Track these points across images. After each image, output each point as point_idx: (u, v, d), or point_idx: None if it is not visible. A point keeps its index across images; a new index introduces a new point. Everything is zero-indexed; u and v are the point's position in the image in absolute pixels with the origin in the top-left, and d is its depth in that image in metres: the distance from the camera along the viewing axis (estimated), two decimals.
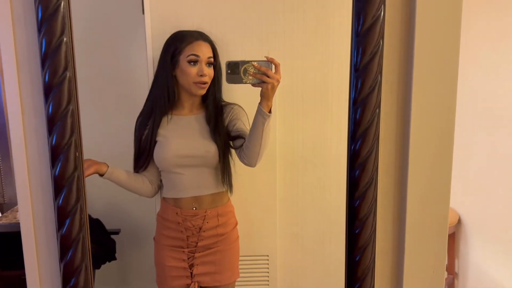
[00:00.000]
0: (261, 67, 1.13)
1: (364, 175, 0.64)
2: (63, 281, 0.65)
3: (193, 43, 1.29)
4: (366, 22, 0.61)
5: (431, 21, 0.62)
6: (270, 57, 1.14)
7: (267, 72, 1.13)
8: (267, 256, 1.61)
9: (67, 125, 0.61)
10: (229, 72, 1.12)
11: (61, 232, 0.64)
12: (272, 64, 1.14)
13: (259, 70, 1.13)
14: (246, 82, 1.14)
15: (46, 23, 0.58)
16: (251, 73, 1.13)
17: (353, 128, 0.64)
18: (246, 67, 1.13)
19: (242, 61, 1.12)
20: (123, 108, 1.62)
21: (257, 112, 1.21)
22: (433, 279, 0.68)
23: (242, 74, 1.13)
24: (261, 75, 1.14)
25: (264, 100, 1.19)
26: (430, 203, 0.66)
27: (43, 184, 0.66)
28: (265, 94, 1.18)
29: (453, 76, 0.63)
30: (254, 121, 1.24)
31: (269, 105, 1.20)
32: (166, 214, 1.38)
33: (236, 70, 1.12)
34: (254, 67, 1.13)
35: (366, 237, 0.65)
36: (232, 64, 1.12)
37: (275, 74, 1.14)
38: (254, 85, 1.16)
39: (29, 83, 0.63)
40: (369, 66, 0.62)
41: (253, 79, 1.14)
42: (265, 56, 1.15)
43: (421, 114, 0.65)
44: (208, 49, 1.31)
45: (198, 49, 1.28)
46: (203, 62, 1.29)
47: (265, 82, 1.14)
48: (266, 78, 1.14)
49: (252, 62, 1.12)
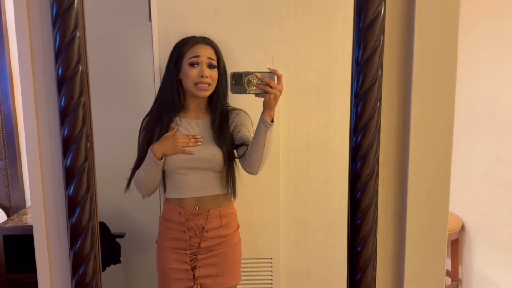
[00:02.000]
0: (264, 78, 1.17)
1: (365, 167, 0.66)
2: (73, 269, 0.67)
3: (194, 46, 1.32)
4: (367, 18, 0.63)
5: (430, 17, 0.65)
6: (273, 69, 1.19)
7: (270, 82, 1.18)
8: (271, 259, 1.61)
9: (79, 116, 0.64)
10: (234, 82, 1.17)
11: (71, 221, 0.66)
12: (274, 75, 1.18)
13: (262, 81, 1.17)
14: (250, 92, 1.18)
15: (61, 18, 0.61)
16: (254, 83, 1.18)
17: (354, 121, 0.66)
18: (249, 78, 1.17)
19: (246, 72, 1.17)
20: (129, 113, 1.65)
21: (260, 121, 1.25)
22: (434, 270, 0.69)
23: (245, 84, 1.17)
24: (264, 86, 1.18)
25: (266, 109, 1.23)
26: (430, 194, 0.68)
27: (54, 174, 0.68)
28: (267, 104, 1.22)
29: (452, 70, 0.65)
30: (256, 130, 1.28)
31: (271, 115, 1.24)
32: (168, 215, 1.40)
33: (240, 81, 1.17)
34: (257, 78, 1.17)
35: (368, 228, 0.67)
36: (236, 75, 1.16)
37: (277, 84, 1.19)
38: (257, 95, 1.20)
39: (43, 76, 0.66)
40: (370, 61, 0.64)
41: (256, 89, 1.18)
42: (268, 67, 1.20)
43: (421, 107, 0.67)
44: (210, 51, 1.34)
45: (198, 51, 1.32)
46: (204, 64, 1.32)
47: (268, 93, 1.18)
48: (268, 89, 1.18)
49: (256, 73, 1.17)
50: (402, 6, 0.65)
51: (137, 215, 1.79)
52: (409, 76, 0.66)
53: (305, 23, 1.51)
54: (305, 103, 1.55)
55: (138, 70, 1.67)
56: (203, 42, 1.34)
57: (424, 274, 0.70)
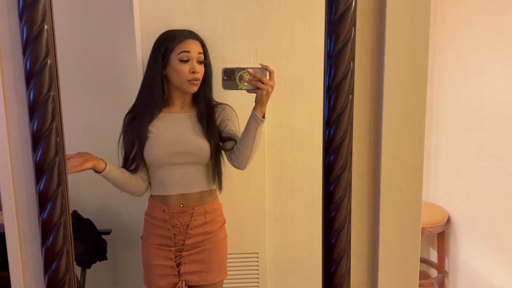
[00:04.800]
0: (256, 73, 1.17)
1: (338, 160, 0.66)
2: (45, 265, 0.67)
3: (184, 41, 1.31)
4: (338, 10, 0.63)
5: (401, 9, 0.65)
6: (265, 65, 1.19)
7: (262, 78, 1.17)
8: (257, 254, 1.62)
9: (48, 111, 0.63)
10: (225, 78, 1.16)
11: (42, 217, 0.65)
12: (266, 71, 1.18)
13: (254, 76, 1.17)
14: (242, 88, 1.18)
15: (27, 10, 0.60)
16: (246, 79, 1.17)
17: (327, 114, 0.66)
18: (241, 74, 1.16)
19: (238, 68, 1.16)
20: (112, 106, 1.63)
21: (251, 116, 1.25)
22: (408, 261, 0.70)
23: (237, 80, 1.17)
24: (256, 82, 1.18)
25: (258, 105, 1.23)
26: (404, 185, 0.68)
27: (25, 170, 0.67)
28: (259, 100, 1.22)
29: (423, 61, 0.66)
30: (247, 125, 1.27)
31: (263, 111, 1.24)
32: (153, 212, 1.39)
33: (232, 77, 1.16)
34: (249, 74, 1.17)
35: (341, 220, 0.67)
36: (228, 70, 1.16)
37: (269, 80, 1.18)
38: (249, 91, 1.20)
39: (11, 70, 0.65)
40: (341, 53, 0.64)
41: (248, 85, 1.18)
42: (260, 63, 1.20)
43: (393, 99, 0.67)
44: (198, 46, 1.33)
45: (188, 47, 1.31)
46: (194, 60, 1.31)
47: (260, 88, 1.18)
48: (260, 85, 1.18)
49: (248, 69, 1.17)
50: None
51: (123, 211, 1.78)
52: (381, 68, 0.66)
53: (288, 17, 1.51)
54: (289, 97, 1.55)
55: (121, 64, 1.66)
56: (192, 36, 1.33)
57: (398, 265, 0.70)
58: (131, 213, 1.76)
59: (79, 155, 1.23)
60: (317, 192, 1.58)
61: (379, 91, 0.67)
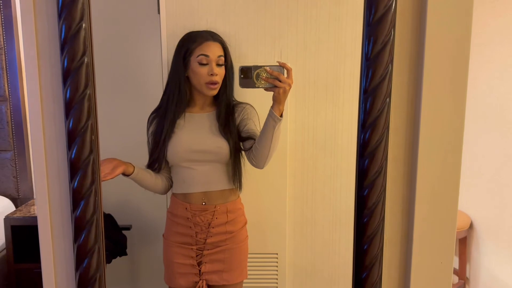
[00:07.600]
0: (273, 71, 1.16)
1: (373, 164, 0.65)
2: (77, 262, 0.67)
3: (203, 44, 1.30)
4: (377, 11, 0.62)
5: (442, 12, 0.63)
6: (282, 62, 1.17)
7: (279, 76, 1.16)
8: (276, 255, 1.61)
9: (84, 108, 0.63)
10: (242, 76, 1.16)
11: (75, 214, 0.65)
12: (284, 69, 1.17)
13: (271, 74, 1.16)
14: (259, 86, 1.17)
15: (66, 9, 0.60)
16: (263, 77, 1.16)
17: (363, 117, 0.65)
18: (258, 72, 1.15)
19: (255, 66, 1.15)
20: (137, 106, 1.65)
21: (269, 115, 1.24)
22: (441, 270, 0.68)
23: (254, 78, 1.16)
24: (273, 80, 1.16)
25: (276, 104, 1.22)
26: (439, 192, 0.67)
27: (59, 167, 0.68)
28: (277, 98, 1.21)
29: (464, 66, 0.64)
30: (265, 124, 1.26)
31: (280, 109, 1.23)
32: (175, 209, 1.40)
33: (249, 75, 1.15)
34: (266, 72, 1.16)
35: (374, 226, 0.65)
36: (245, 69, 1.15)
37: (287, 78, 1.17)
38: (266, 89, 1.19)
39: (49, 68, 0.65)
40: (380, 56, 0.63)
41: (266, 83, 1.17)
42: (277, 61, 1.18)
43: (432, 103, 0.65)
44: (219, 48, 1.33)
45: (207, 49, 1.30)
46: (213, 62, 1.30)
47: (277, 87, 1.17)
48: (278, 83, 1.16)
49: (265, 67, 1.15)
50: (413, 0, 0.63)
51: (143, 207, 1.80)
52: (420, 72, 0.65)
53: (314, 17, 1.49)
54: (313, 97, 1.54)
55: (146, 63, 1.67)
56: (212, 39, 1.33)
57: (431, 273, 0.68)
58: (152, 209, 1.78)
59: (108, 162, 1.25)
60: (339, 195, 1.57)
61: (417, 95, 0.65)
